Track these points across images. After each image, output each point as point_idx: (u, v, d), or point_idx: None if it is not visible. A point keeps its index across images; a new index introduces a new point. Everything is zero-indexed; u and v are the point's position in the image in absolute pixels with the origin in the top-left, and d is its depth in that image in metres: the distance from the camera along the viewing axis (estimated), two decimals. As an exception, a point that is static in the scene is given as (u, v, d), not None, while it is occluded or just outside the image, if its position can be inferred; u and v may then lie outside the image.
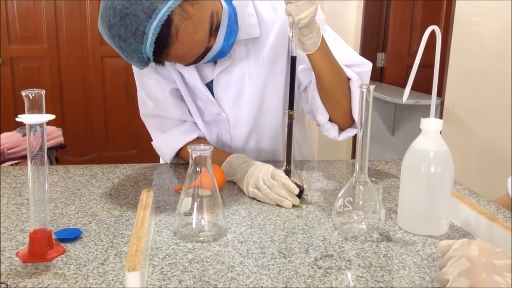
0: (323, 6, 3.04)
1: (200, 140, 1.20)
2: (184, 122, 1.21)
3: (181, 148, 1.18)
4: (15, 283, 0.65)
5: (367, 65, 1.11)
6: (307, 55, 1.00)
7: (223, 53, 1.02)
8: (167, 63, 1.12)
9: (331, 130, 1.13)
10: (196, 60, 1.00)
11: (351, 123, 1.13)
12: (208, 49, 0.98)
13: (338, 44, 1.12)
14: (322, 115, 1.11)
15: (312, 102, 1.11)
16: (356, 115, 1.10)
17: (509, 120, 2.07)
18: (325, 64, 1.02)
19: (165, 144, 1.20)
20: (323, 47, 0.99)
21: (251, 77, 1.14)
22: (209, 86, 1.16)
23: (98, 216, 0.88)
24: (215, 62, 1.12)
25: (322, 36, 0.98)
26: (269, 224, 0.86)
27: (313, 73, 1.06)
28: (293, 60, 0.97)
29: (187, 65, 1.03)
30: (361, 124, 0.78)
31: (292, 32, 0.95)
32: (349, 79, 1.07)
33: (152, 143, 1.23)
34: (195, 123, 1.23)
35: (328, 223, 0.86)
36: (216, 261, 0.72)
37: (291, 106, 0.96)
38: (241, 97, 1.16)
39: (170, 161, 1.22)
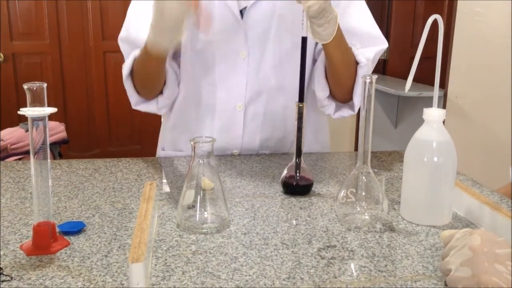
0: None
1: None
2: None
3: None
4: (20, 275, 0.65)
5: (383, 44, 1.14)
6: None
7: None
8: None
9: (328, 107, 1.15)
10: None
11: (349, 100, 1.14)
12: None
13: (365, 17, 1.13)
14: (322, 91, 1.12)
15: (316, 76, 1.12)
16: (356, 99, 1.12)
17: (512, 111, 2.07)
18: (337, 51, 1.03)
19: (125, 65, 1.14)
20: (338, 35, 0.99)
21: (280, 20, 1.12)
22: None
23: (102, 209, 0.89)
24: None
25: (338, 24, 0.98)
26: (272, 216, 0.86)
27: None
28: (303, 41, 0.93)
29: None
30: (364, 115, 0.78)
31: (303, 18, 0.94)
32: (358, 63, 1.08)
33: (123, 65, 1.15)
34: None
35: (331, 214, 0.87)
36: (220, 253, 0.72)
37: (301, 98, 0.94)
38: (266, 37, 1.14)
39: (127, 80, 1.14)
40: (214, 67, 1.16)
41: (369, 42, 1.12)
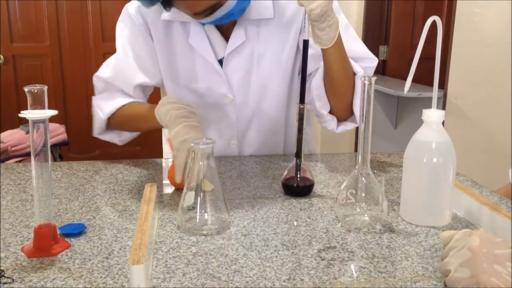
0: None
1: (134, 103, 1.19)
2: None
3: (121, 108, 1.18)
4: (21, 277, 0.65)
5: (373, 61, 1.12)
6: (321, 48, 1.00)
7: (231, 15, 1.03)
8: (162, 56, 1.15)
9: (330, 122, 1.13)
10: (204, 11, 0.99)
11: (350, 115, 1.13)
12: (218, 6, 0.99)
13: (350, 34, 1.12)
14: (324, 106, 1.11)
15: (316, 92, 1.10)
16: (357, 109, 1.11)
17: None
18: (337, 58, 1.02)
19: (106, 101, 1.21)
20: (339, 41, 0.99)
21: (260, 58, 1.15)
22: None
23: (102, 211, 0.89)
24: (227, 41, 1.13)
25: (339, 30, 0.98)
26: (272, 217, 0.86)
27: (321, 62, 1.06)
28: (305, 44, 0.95)
29: (194, 15, 1.02)
30: (363, 116, 0.78)
31: (304, 22, 0.95)
32: (355, 74, 1.08)
33: (93, 97, 1.27)
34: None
35: (331, 215, 0.87)
36: (220, 254, 0.72)
37: (302, 100, 0.95)
38: (249, 78, 1.16)
39: (106, 119, 1.20)
40: (204, 111, 1.19)
41: (360, 61, 1.11)
